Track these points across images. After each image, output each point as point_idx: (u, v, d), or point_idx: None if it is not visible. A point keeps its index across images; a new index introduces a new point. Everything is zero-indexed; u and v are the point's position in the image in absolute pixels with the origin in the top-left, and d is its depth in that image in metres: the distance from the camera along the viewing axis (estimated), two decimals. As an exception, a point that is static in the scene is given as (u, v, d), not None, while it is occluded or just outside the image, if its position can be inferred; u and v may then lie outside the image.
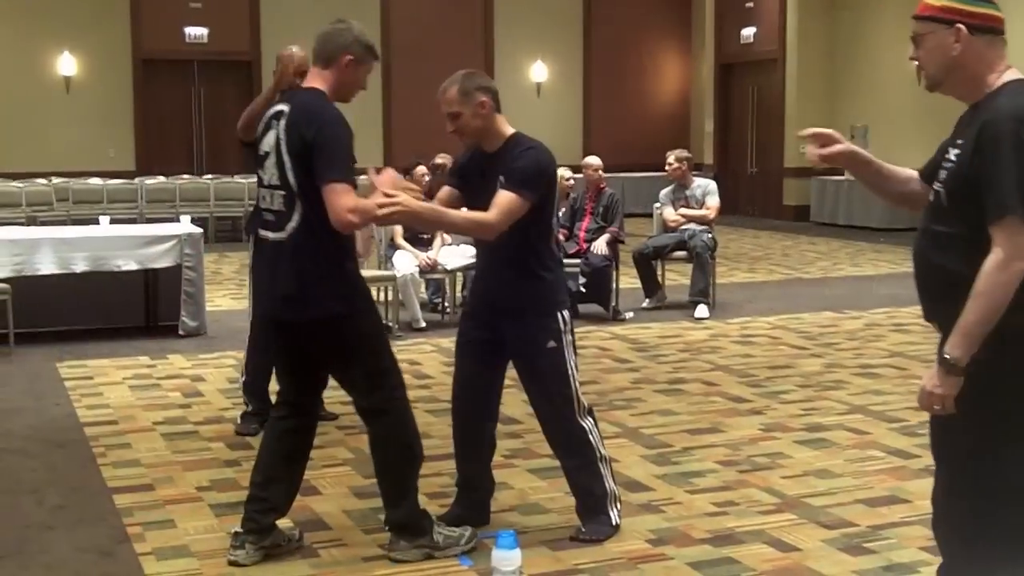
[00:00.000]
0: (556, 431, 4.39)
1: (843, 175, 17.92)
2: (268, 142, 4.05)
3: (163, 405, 6.60)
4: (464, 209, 4.30)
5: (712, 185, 10.13)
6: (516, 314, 4.24)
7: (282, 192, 3.99)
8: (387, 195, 3.89)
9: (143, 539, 4.40)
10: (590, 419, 4.38)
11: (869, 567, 4.10)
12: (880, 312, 9.88)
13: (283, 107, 4.06)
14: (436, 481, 4.98)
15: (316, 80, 4.07)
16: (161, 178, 16.89)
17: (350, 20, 4.12)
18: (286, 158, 3.95)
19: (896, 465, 5.34)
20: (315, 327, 4.02)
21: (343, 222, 3.85)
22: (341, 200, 3.83)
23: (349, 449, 5.60)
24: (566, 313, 4.30)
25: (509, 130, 4.25)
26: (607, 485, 4.40)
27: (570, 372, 4.29)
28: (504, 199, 4.06)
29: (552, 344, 4.24)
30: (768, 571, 4.07)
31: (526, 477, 5.16)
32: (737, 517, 4.63)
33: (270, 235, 4.06)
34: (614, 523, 4.40)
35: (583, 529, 4.39)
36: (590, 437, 4.34)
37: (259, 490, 4.18)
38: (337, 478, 5.13)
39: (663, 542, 4.34)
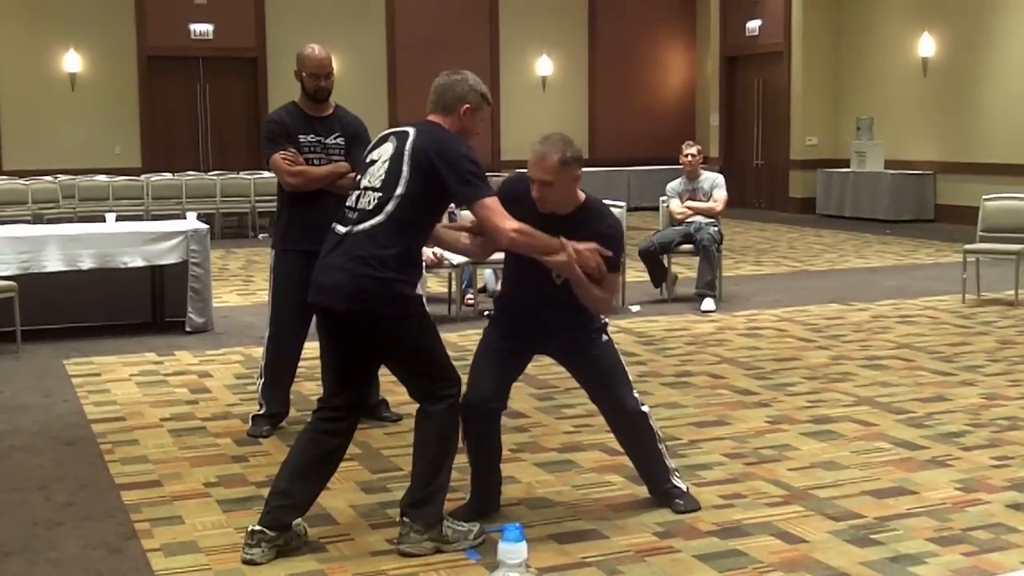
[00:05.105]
0: (620, 421, 4.62)
1: (849, 167, 17.93)
2: (381, 152, 4.21)
3: (170, 401, 6.61)
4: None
5: (720, 178, 10.13)
6: (567, 326, 4.47)
7: (379, 193, 4.11)
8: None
9: (151, 535, 4.41)
10: (645, 404, 4.62)
11: (876, 558, 4.10)
12: (886, 304, 9.87)
13: (408, 128, 4.24)
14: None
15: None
16: (167, 175, 16.89)
17: (464, 71, 4.34)
18: (405, 168, 4.10)
19: (903, 456, 5.35)
20: (369, 323, 4.10)
21: (507, 239, 4.11)
22: (500, 220, 4.09)
23: (356, 444, 5.57)
24: None
25: (582, 195, 4.42)
26: (667, 463, 4.65)
27: (622, 360, 4.57)
28: (614, 279, 4.39)
29: (605, 338, 4.52)
30: (775, 563, 4.07)
31: (533, 471, 5.16)
32: (744, 509, 4.63)
33: (342, 228, 4.15)
34: (686, 489, 4.66)
35: (679, 502, 4.59)
36: (650, 422, 4.59)
37: (285, 487, 4.17)
38: (344, 473, 5.11)
39: (670, 535, 4.35)
